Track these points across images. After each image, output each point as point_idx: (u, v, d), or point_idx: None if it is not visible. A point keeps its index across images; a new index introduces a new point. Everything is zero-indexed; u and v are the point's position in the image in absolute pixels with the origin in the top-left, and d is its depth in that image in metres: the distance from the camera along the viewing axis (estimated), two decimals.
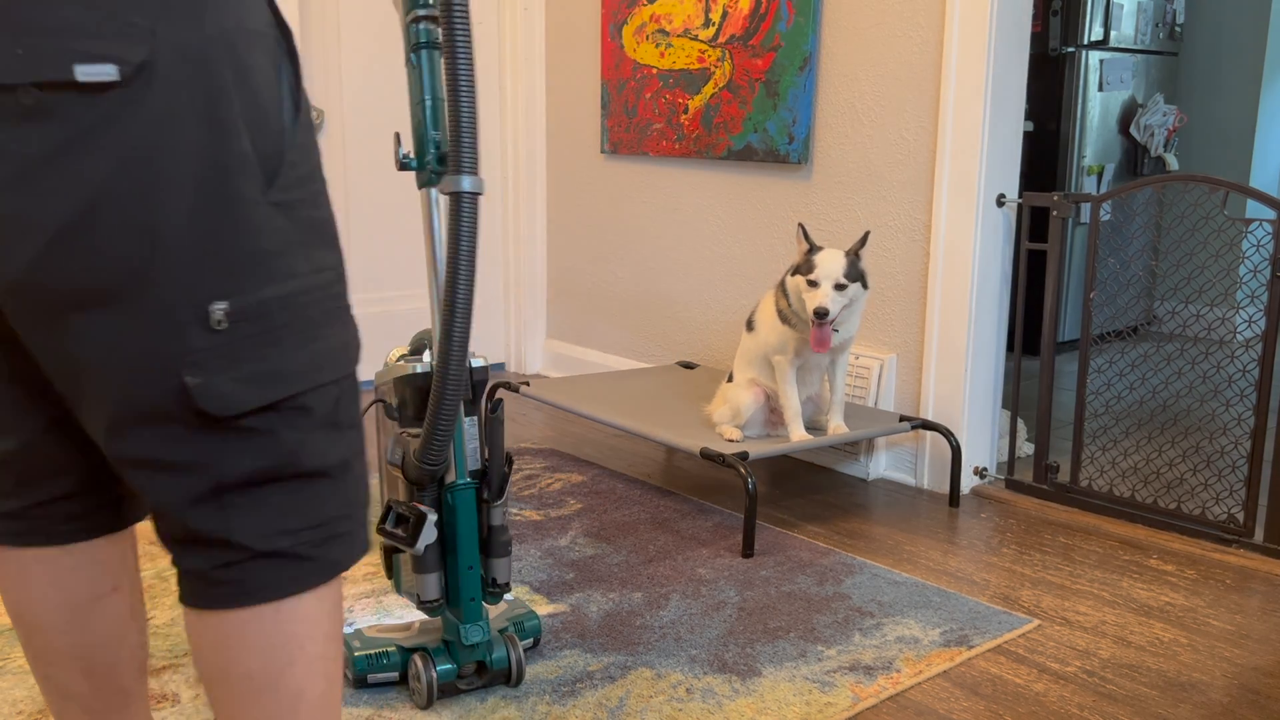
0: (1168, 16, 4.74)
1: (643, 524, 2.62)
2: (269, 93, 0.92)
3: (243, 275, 0.90)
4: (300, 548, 0.98)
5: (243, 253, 0.90)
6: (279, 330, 0.93)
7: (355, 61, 3.75)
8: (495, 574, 1.78)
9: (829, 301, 2.46)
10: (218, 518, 0.94)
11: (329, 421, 0.98)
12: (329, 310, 0.98)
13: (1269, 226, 2.39)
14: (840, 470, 3.09)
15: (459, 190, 1.43)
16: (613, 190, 3.84)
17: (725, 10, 3.27)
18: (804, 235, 2.56)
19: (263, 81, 0.91)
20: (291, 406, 0.94)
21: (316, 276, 0.96)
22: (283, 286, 0.93)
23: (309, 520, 0.98)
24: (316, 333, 0.96)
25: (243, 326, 0.90)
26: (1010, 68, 2.75)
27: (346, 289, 1.03)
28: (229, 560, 0.96)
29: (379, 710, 1.77)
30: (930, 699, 1.84)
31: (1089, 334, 2.73)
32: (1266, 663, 1.98)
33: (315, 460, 0.97)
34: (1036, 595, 2.26)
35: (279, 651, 0.98)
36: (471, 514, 1.74)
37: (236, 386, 0.90)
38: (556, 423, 3.56)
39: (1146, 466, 3.05)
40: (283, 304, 0.93)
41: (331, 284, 0.99)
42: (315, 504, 0.98)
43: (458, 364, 1.48)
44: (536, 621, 1.97)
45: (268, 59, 0.92)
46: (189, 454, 0.92)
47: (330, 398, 0.98)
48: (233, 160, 0.88)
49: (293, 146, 0.94)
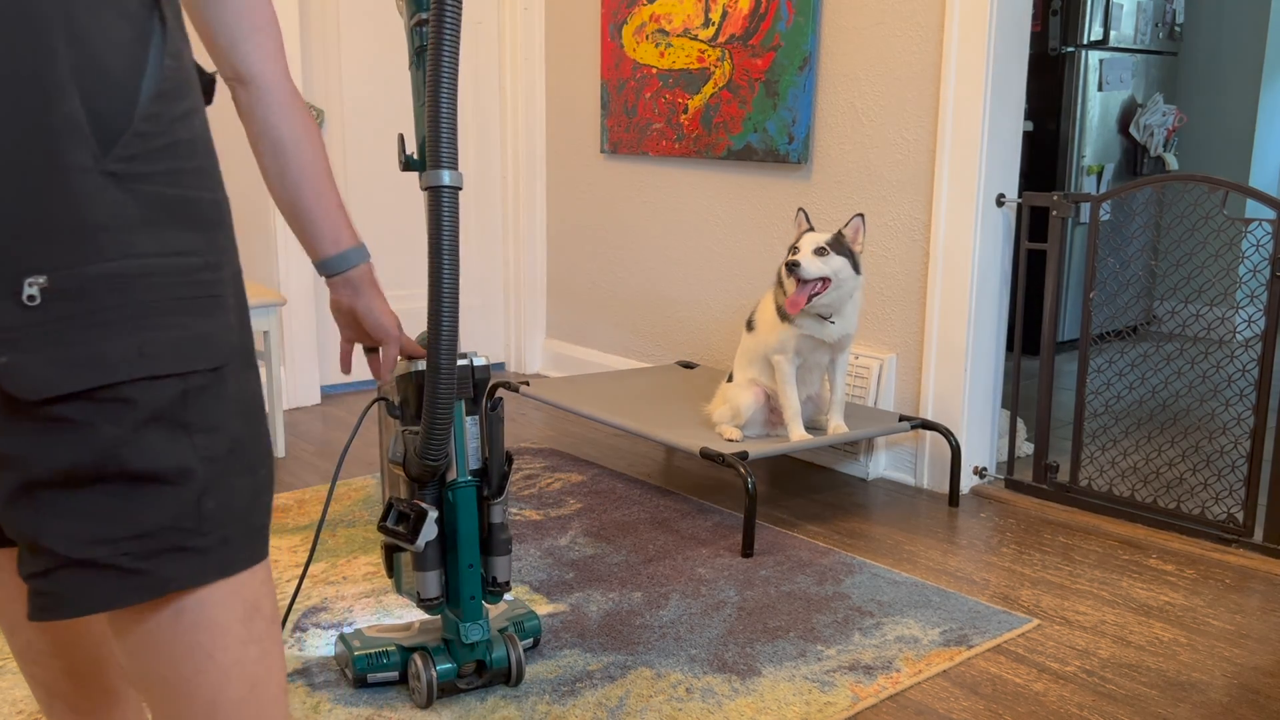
0: (1167, 16, 4.74)
1: (643, 524, 2.63)
2: (117, 58, 0.85)
3: (62, 248, 0.82)
4: (121, 559, 0.88)
5: (63, 224, 0.82)
6: (106, 312, 0.84)
7: (355, 61, 3.75)
8: (495, 573, 1.78)
9: (804, 259, 2.49)
10: (30, 519, 0.86)
11: (169, 420, 0.89)
12: (183, 298, 0.89)
13: (1268, 226, 2.39)
14: (840, 470, 3.09)
15: (438, 185, 1.42)
16: (613, 190, 3.84)
17: (725, 10, 3.27)
18: (805, 219, 2.59)
19: (108, 44, 0.84)
20: (112, 398, 0.85)
21: (166, 260, 0.87)
22: (112, 265, 0.84)
23: (134, 529, 0.88)
24: (157, 320, 0.87)
25: (61, 305, 0.82)
26: (1010, 68, 2.75)
27: (223, 279, 0.93)
28: (44, 568, 0.87)
29: (379, 710, 1.77)
30: (930, 698, 1.84)
31: (1089, 333, 2.73)
32: (1266, 662, 1.98)
33: (144, 462, 0.88)
34: (1036, 595, 2.26)
35: (185, 660, 0.92)
36: (472, 511, 1.74)
37: (47, 369, 0.82)
38: (556, 423, 3.56)
39: (1146, 466, 3.05)
40: (111, 284, 0.84)
41: (194, 270, 0.90)
42: (144, 512, 0.88)
43: (447, 356, 1.49)
44: (536, 621, 1.97)
45: (126, 23, 0.85)
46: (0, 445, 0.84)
47: (169, 393, 0.88)
48: (57, 122, 0.81)
49: (146, 117, 0.86)
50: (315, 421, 3.52)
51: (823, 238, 2.53)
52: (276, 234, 3.58)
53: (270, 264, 3.59)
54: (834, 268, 2.52)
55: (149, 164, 0.87)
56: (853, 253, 2.55)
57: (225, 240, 0.95)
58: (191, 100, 0.92)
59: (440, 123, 1.41)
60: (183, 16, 0.96)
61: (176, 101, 0.89)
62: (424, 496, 1.70)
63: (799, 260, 2.49)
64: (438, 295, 1.45)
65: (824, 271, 2.50)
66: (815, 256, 2.50)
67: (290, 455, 3.15)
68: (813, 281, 2.50)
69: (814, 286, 2.51)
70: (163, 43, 0.88)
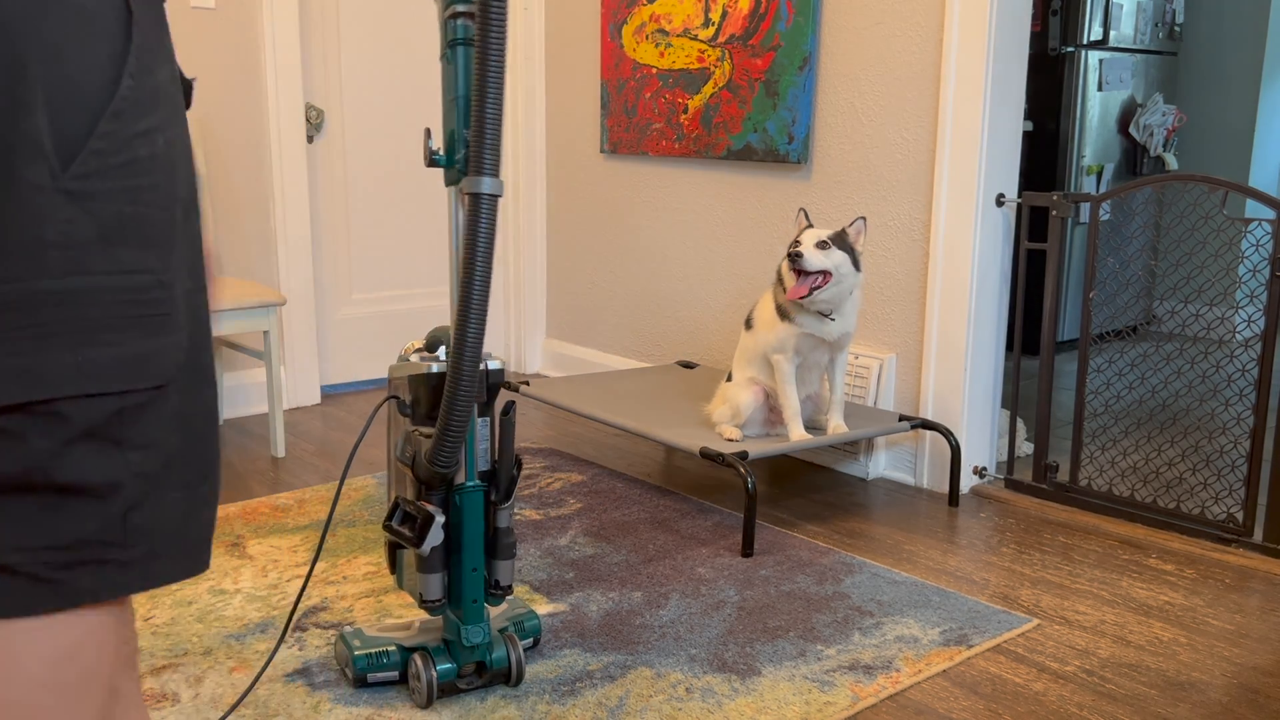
0: (1167, 16, 4.74)
1: (642, 523, 2.63)
2: (88, 75, 0.86)
3: (12, 263, 0.83)
4: (36, 567, 0.88)
5: (15, 240, 0.83)
6: (49, 327, 0.85)
7: (355, 61, 3.75)
8: (498, 576, 1.78)
9: (806, 250, 2.50)
10: None
11: (101, 436, 0.89)
12: (129, 316, 0.89)
13: (1268, 226, 2.39)
14: (840, 470, 3.09)
15: (478, 192, 1.41)
16: (613, 190, 3.84)
17: (725, 10, 3.27)
18: (805, 217, 2.60)
19: (81, 62, 0.85)
20: (46, 412, 0.86)
21: (116, 278, 0.88)
22: (62, 282, 0.85)
23: (54, 539, 0.88)
24: (100, 337, 0.87)
25: (8, 317, 0.83)
26: (1010, 67, 2.75)
27: (174, 297, 0.92)
28: None
29: (379, 710, 1.77)
30: (929, 698, 1.84)
31: (1088, 333, 2.74)
32: (1265, 662, 1.98)
33: (72, 474, 0.88)
34: (1036, 595, 2.26)
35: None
36: (479, 516, 1.74)
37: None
38: (556, 422, 3.56)
39: (1146, 466, 3.05)
40: (59, 300, 0.85)
41: (144, 289, 0.90)
42: (68, 523, 0.88)
43: (471, 366, 1.48)
44: (536, 621, 1.97)
45: (102, 41, 0.86)
46: None
47: (105, 410, 0.89)
48: (17, 139, 0.82)
49: (105, 134, 0.86)
50: (315, 421, 3.52)
51: (824, 233, 2.54)
52: (276, 234, 3.58)
53: (270, 264, 3.59)
54: (835, 262, 2.52)
55: (105, 181, 0.87)
56: (853, 249, 2.56)
57: (180, 258, 0.95)
58: (156, 118, 0.92)
59: (485, 129, 1.39)
60: (164, 30, 0.96)
61: (137, 119, 0.89)
62: (431, 499, 1.70)
63: (801, 251, 2.50)
64: (466, 302, 1.43)
65: (825, 264, 2.51)
66: (817, 250, 2.51)
67: (290, 455, 3.15)
68: (814, 274, 2.51)
69: (815, 280, 2.52)
70: (126, 61, 0.88)
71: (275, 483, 2.90)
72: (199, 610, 2.12)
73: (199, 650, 1.96)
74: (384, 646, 1.82)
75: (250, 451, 3.18)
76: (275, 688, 1.83)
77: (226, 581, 2.25)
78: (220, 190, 3.46)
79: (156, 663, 1.91)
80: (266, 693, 1.82)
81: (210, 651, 1.95)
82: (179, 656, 1.93)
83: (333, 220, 3.78)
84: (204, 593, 2.19)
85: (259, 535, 2.51)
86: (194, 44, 3.35)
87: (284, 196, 3.58)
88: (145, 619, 2.07)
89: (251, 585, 2.24)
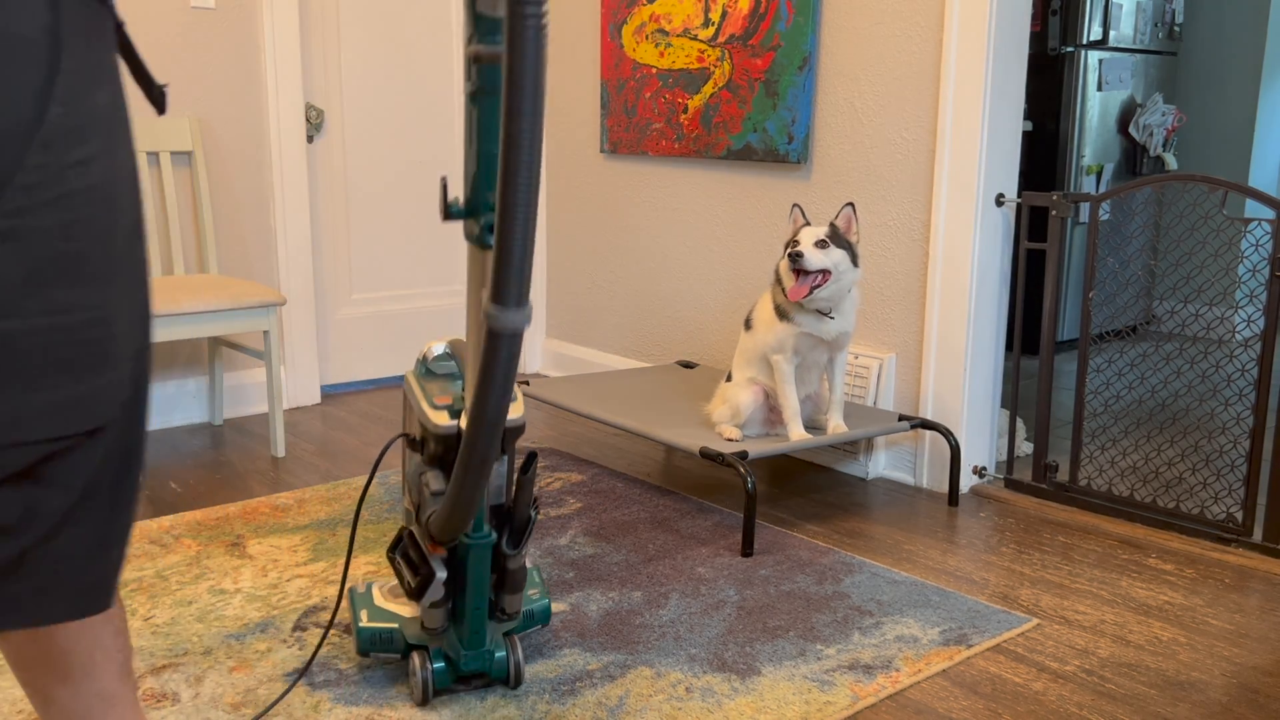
0: (1167, 16, 4.74)
1: (642, 523, 2.63)
2: (10, 104, 0.80)
3: None
4: None
5: None
6: None
7: (355, 61, 3.75)
8: (505, 605, 1.76)
9: (806, 249, 2.51)
10: None
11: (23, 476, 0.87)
12: (65, 358, 0.85)
13: (1268, 226, 2.39)
14: (839, 469, 3.09)
15: (499, 329, 1.14)
16: (612, 190, 3.84)
17: (725, 10, 3.27)
18: (801, 214, 2.60)
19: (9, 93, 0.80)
20: None
21: (49, 319, 0.83)
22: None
23: None
24: (36, 382, 0.83)
25: None
26: (1010, 67, 2.75)
27: (115, 334, 0.88)
28: None
29: (379, 709, 1.77)
30: (929, 698, 1.84)
31: (1088, 333, 2.74)
32: (1265, 662, 1.99)
33: None
34: (1035, 594, 2.26)
35: None
36: (485, 565, 1.69)
37: None
38: (556, 422, 3.56)
39: (1145, 466, 3.05)
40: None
41: (79, 328, 0.85)
42: None
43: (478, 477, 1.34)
44: (546, 602, 1.95)
45: (34, 70, 0.81)
46: None
47: (33, 455, 0.86)
48: None
49: (34, 167, 0.81)
50: (315, 421, 3.52)
51: (821, 231, 2.54)
52: (276, 234, 3.58)
53: (270, 264, 3.59)
54: (834, 260, 2.53)
55: (36, 218, 0.82)
56: (850, 244, 2.56)
57: (122, 290, 0.90)
58: (93, 145, 0.87)
59: (512, 251, 1.10)
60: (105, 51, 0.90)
61: (70, 148, 0.84)
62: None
63: (802, 250, 2.50)
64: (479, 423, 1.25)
65: (825, 264, 2.52)
66: (817, 249, 2.52)
67: (290, 455, 3.15)
68: (815, 273, 2.52)
69: (815, 279, 2.52)
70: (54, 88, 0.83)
71: (275, 483, 2.90)
72: (199, 610, 2.12)
73: (199, 650, 1.96)
74: (389, 623, 1.82)
75: (250, 451, 3.18)
76: (275, 688, 1.83)
77: (226, 581, 2.26)
78: (220, 190, 3.46)
79: (156, 662, 1.91)
80: (267, 693, 1.82)
81: (210, 651, 1.95)
82: (179, 656, 1.93)
83: (333, 220, 3.78)
84: (204, 592, 2.20)
85: (259, 535, 2.51)
86: (194, 44, 3.35)
87: (284, 196, 3.58)
88: (145, 619, 2.07)
89: (251, 585, 2.24)
